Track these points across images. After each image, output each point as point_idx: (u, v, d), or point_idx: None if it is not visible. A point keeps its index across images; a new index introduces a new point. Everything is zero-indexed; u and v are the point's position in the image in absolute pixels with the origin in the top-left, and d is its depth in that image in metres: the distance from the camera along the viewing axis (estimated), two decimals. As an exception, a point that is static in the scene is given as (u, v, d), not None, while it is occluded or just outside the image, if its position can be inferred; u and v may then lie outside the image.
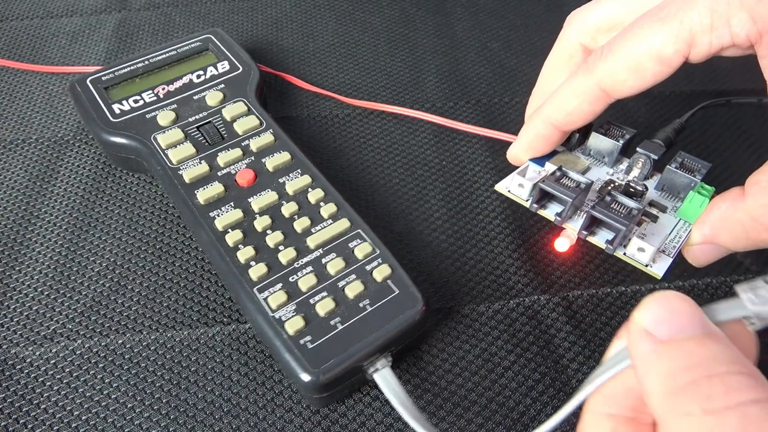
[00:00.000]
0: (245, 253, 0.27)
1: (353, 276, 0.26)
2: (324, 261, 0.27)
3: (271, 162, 0.30)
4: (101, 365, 0.27)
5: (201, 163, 0.30)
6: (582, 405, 0.17)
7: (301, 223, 0.28)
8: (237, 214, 0.28)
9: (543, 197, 0.25)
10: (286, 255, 0.27)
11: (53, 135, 0.36)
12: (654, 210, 0.25)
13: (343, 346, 0.24)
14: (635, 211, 0.24)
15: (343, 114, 0.38)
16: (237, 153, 0.31)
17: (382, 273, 0.26)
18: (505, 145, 0.35)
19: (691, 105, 0.35)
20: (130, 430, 0.25)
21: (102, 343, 0.27)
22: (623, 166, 0.27)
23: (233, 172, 0.30)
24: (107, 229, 0.32)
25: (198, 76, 0.35)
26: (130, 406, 0.25)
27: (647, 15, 0.22)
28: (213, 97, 0.33)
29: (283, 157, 0.31)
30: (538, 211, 0.25)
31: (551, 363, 0.27)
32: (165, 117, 0.32)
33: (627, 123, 0.28)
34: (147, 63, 0.36)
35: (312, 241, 0.27)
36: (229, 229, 0.28)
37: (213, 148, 0.31)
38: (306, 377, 0.23)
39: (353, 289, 0.26)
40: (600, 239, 0.24)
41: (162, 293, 0.29)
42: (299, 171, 0.30)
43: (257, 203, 0.29)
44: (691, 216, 0.25)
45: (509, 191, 0.26)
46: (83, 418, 0.25)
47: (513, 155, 0.28)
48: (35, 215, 0.32)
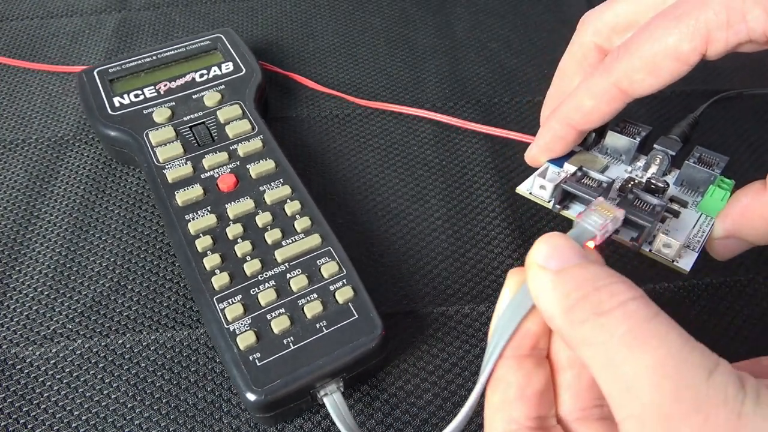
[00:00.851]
0: (211, 261, 0.26)
1: (314, 295, 0.26)
2: (288, 276, 0.26)
3: (255, 169, 0.30)
4: (101, 365, 0.26)
5: (186, 164, 0.30)
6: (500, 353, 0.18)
7: (273, 235, 0.27)
8: (211, 219, 0.28)
9: (565, 198, 0.25)
10: (251, 266, 0.26)
11: (53, 135, 0.36)
12: (675, 206, 0.25)
13: (292, 367, 0.23)
14: (659, 208, 0.24)
15: (343, 114, 0.38)
16: (223, 156, 0.31)
17: (344, 295, 0.25)
18: (506, 144, 0.35)
19: (691, 105, 0.35)
20: (130, 430, 0.25)
21: (102, 343, 0.27)
22: (641, 163, 0.27)
23: (216, 175, 0.30)
24: (107, 229, 0.32)
25: (201, 75, 0.35)
26: (130, 406, 0.25)
27: (662, 14, 0.22)
28: (211, 98, 0.33)
29: (268, 165, 0.30)
30: (560, 212, 0.25)
31: (551, 363, 0.27)
32: (161, 114, 0.32)
33: (637, 111, 0.27)
34: (154, 58, 0.36)
35: (280, 255, 0.27)
36: (201, 234, 0.28)
37: (201, 149, 0.31)
38: (250, 396, 0.23)
39: (312, 309, 0.25)
40: (624, 237, 0.24)
41: (162, 293, 0.29)
42: (281, 180, 0.30)
43: (233, 210, 0.28)
44: (713, 210, 0.25)
45: (531, 193, 0.26)
46: (83, 418, 0.25)
47: (531, 157, 0.28)
48: (35, 215, 0.32)
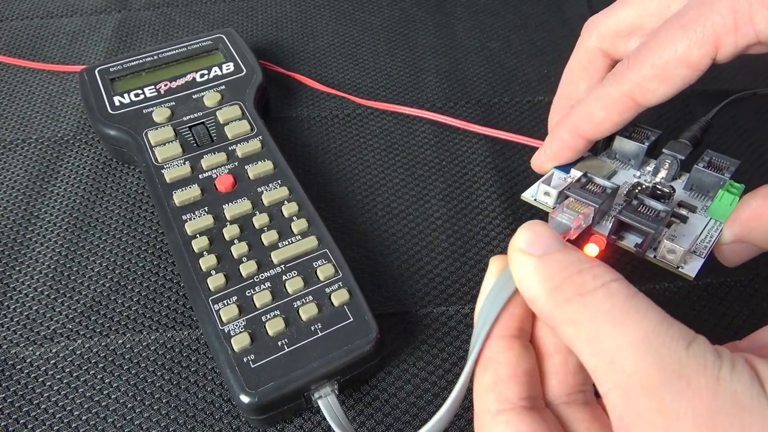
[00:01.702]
0: (207, 261, 0.26)
1: (310, 297, 0.26)
2: (284, 278, 0.26)
3: (253, 170, 0.30)
4: (101, 365, 0.26)
5: (184, 164, 0.30)
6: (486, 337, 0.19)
7: (269, 237, 0.27)
8: (208, 219, 0.28)
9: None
10: (247, 267, 0.26)
11: (53, 135, 0.36)
12: (683, 210, 0.25)
13: (286, 369, 0.23)
14: (663, 214, 0.23)
15: (344, 114, 0.38)
16: (222, 157, 0.31)
17: (339, 298, 0.25)
18: (506, 144, 0.35)
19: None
20: (130, 430, 0.25)
21: (102, 343, 0.27)
22: (650, 167, 0.27)
23: (214, 176, 0.30)
24: (107, 229, 0.32)
25: (201, 75, 0.35)
26: (130, 406, 0.25)
27: (669, 23, 0.22)
28: (211, 98, 0.33)
29: (266, 166, 0.30)
30: None
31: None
32: (160, 114, 0.32)
33: (647, 114, 0.27)
34: (155, 58, 0.36)
35: (276, 256, 0.27)
36: (197, 235, 0.28)
37: (200, 149, 0.31)
38: (244, 398, 0.23)
39: (307, 312, 0.25)
40: (629, 243, 0.24)
41: (162, 293, 0.29)
42: (279, 182, 0.30)
43: (230, 211, 0.28)
44: (722, 215, 0.24)
45: (535, 200, 0.26)
46: (83, 418, 0.25)
47: (538, 164, 0.28)
48: (35, 215, 0.32)
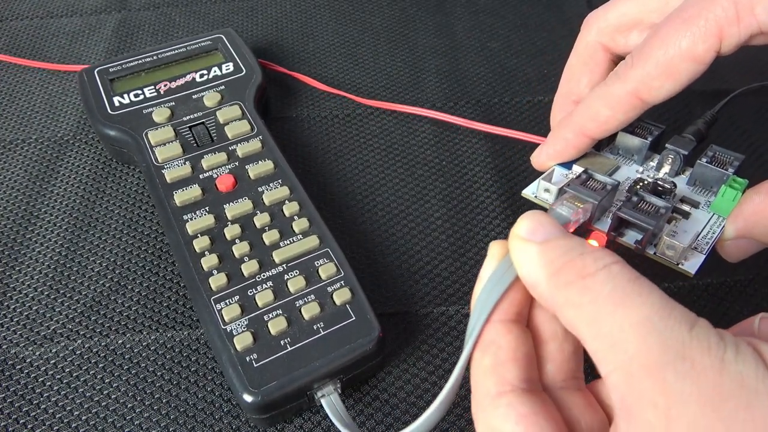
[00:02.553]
0: (209, 261, 0.26)
1: (312, 296, 0.26)
2: (286, 278, 0.26)
3: (254, 170, 0.30)
4: (101, 365, 0.26)
5: (185, 164, 0.30)
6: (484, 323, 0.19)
7: (270, 236, 0.27)
8: (209, 219, 0.28)
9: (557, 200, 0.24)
10: (248, 267, 0.26)
11: (53, 135, 0.36)
12: (686, 206, 0.25)
13: (289, 368, 0.23)
14: (663, 210, 0.23)
15: (344, 114, 0.38)
16: (222, 157, 0.31)
17: (341, 297, 0.25)
18: (506, 144, 0.35)
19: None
20: (130, 430, 0.25)
21: (102, 343, 0.27)
22: (653, 163, 0.27)
23: (215, 176, 0.30)
24: (107, 229, 0.32)
25: (201, 75, 0.35)
26: (130, 406, 0.25)
27: (671, 18, 0.22)
28: (211, 98, 0.33)
29: (266, 166, 0.30)
30: None
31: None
32: (160, 114, 0.32)
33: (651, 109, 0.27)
34: (155, 58, 0.36)
35: (278, 256, 0.27)
36: (199, 234, 0.28)
37: (200, 149, 0.31)
38: (247, 397, 0.23)
39: (309, 311, 0.25)
40: (629, 239, 0.24)
41: (162, 293, 0.29)
42: (279, 181, 0.30)
43: (231, 210, 0.28)
44: (725, 210, 0.24)
45: (536, 197, 0.26)
46: (83, 418, 0.25)
47: (539, 162, 0.27)
48: (35, 215, 0.32)
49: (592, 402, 0.19)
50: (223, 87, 0.34)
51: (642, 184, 0.26)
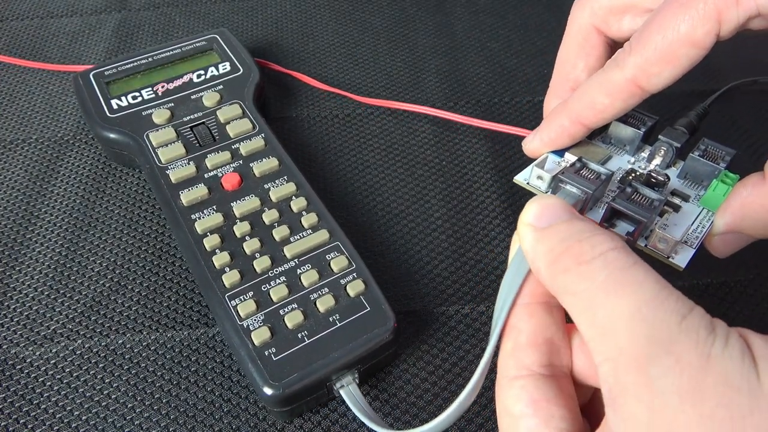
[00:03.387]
0: (221, 259, 0.27)
1: (326, 289, 0.26)
2: (299, 272, 0.26)
3: (259, 167, 0.30)
4: (101, 365, 0.26)
5: (189, 164, 0.30)
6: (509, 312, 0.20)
7: (280, 232, 0.28)
8: (218, 218, 0.28)
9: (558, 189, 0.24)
10: (261, 263, 0.26)
11: (53, 135, 0.36)
12: (676, 199, 0.25)
13: (308, 360, 0.24)
14: (657, 202, 0.23)
15: (343, 114, 0.38)
16: (226, 156, 0.31)
17: (355, 288, 0.26)
18: (506, 144, 0.35)
19: (690, 105, 0.35)
20: (130, 430, 0.25)
21: (102, 343, 0.27)
22: (645, 153, 0.27)
23: (220, 174, 0.30)
24: (107, 229, 0.32)
25: (198, 75, 0.35)
26: (130, 406, 0.25)
27: (669, 2, 0.22)
28: (210, 98, 0.33)
29: (271, 163, 0.30)
30: None
31: (551, 363, 0.27)
32: (160, 115, 0.32)
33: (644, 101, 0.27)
34: (150, 60, 0.36)
35: (289, 251, 0.27)
36: (208, 233, 0.28)
37: (203, 149, 0.31)
38: (267, 390, 0.23)
39: (324, 303, 0.25)
40: (621, 231, 0.23)
41: (162, 293, 0.29)
42: (285, 178, 0.30)
43: (239, 208, 0.28)
44: (715, 205, 0.24)
45: (528, 183, 0.25)
46: (83, 418, 0.25)
47: (532, 149, 0.27)
48: (35, 215, 0.32)
49: None
50: (222, 86, 0.34)
51: (635, 175, 0.25)
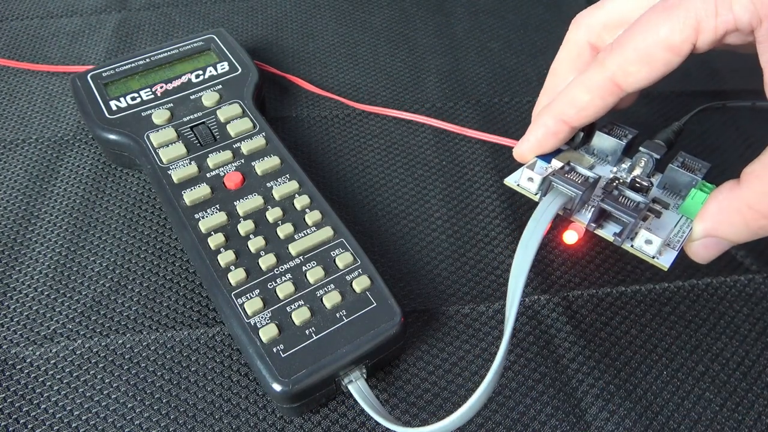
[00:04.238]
0: (226, 257, 0.27)
1: (332, 286, 0.26)
2: (304, 269, 0.26)
3: (261, 166, 0.30)
4: (101, 365, 0.27)
5: (190, 164, 0.30)
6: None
7: (284, 230, 0.28)
8: (221, 217, 0.28)
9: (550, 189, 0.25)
10: (266, 261, 0.26)
11: (53, 135, 0.36)
12: (657, 206, 0.26)
13: (316, 356, 0.24)
14: (642, 205, 0.24)
15: (343, 114, 0.38)
16: (227, 155, 0.31)
17: (361, 284, 0.26)
18: (507, 147, 0.35)
19: (690, 105, 0.36)
20: (130, 430, 0.25)
21: (102, 343, 0.27)
22: (626, 165, 0.28)
23: (222, 174, 0.30)
24: (107, 229, 0.32)
25: (197, 75, 0.35)
26: (130, 406, 0.25)
27: (653, 8, 0.23)
28: (209, 98, 0.33)
29: (273, 162, 0.30)
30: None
31: (551, 363, 0.27)
32: (160, 116, 0.32)
33: (628, 123, 0.28)
34: (148, 61, 0.36)
35: (294, 248, 0.27)
36: (212, 232, 0.28)
37: (204, 149, 0.31)
38: (277, 386, 0.23)
39: (330, 299, 0.25)
40: (607, 232, 0.24)
41: (162, 293, 0.29)
42: (287, 176, 0.30)
43: (242, 207, 0.28)
44: (693, 212, 0.25)
45: (518, 185, 0.26)
46: (83, 418, 0.25)
47: (520, 153, 0.28)
48: (35, 215, 0.32)
49: None
50: (221, 86, 0.34)
51: (619, 181, 0.26)
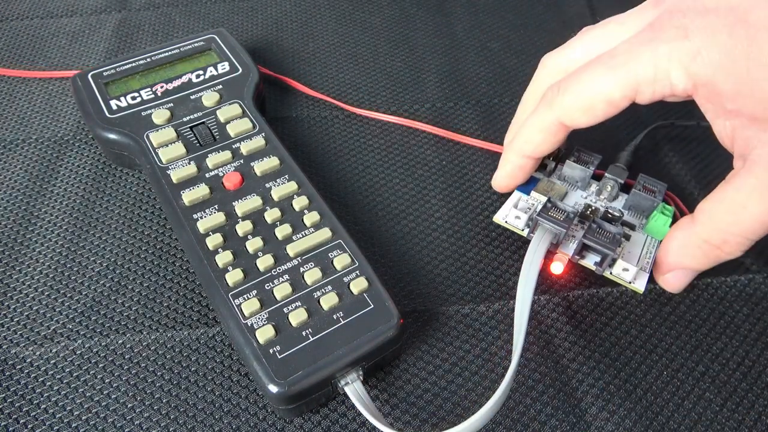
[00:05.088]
0: (223, 258, 0.27)
1: (329, 287, 0.26)
2: (302, 270, 0.26)
3: (260, 166, 0.30)
4: (101, 365, 0.27)
5: (190, 164, 0.30)
6: None
7: (283, 230, 0.28)
8: (220, 217, 0.28)
9: (537, 226, 0.28)
10: (264, 262, 0.26)
11: (53, 135, 0.36)
12: (626, 229, 0.29)
13: (313, 358, 0.24)
14: (618, 236, 0.27)
15: (344, 115, 0.38)
16: (227, 155, 0.31)
17: (358, 286, 0.26)
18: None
19: (640, 120, 0.37)
20: (130, 430, 0.25)
21: (102, 343, 0.27)
22: (593, 188, 0.31)
23: (221, 174, 0.30)
24: (107, 229, 0.32)
25: (197, 75, 0.35)
26: (130, 406, 0.25)
27: (599, 60, 0.25)
28: (209, 98, 0.33)
29: (272, 162, 0.30)
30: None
31: (551, 363, 0.27)
32: (160, 115, 0.32)
33: (584, 137, 0.31)
34: (149, 60, 0.36)
35: (291, 249, 0.27)
36: (210, 232, 0.28)
37: (204, 149, 0.31)
38: (273, 388, 0.23)
39: (328, 301, 0.25)
40: (589, 261, 0.28)
41: (162, 293, 0.29)
42: (286, 177, 0.30)
43: (241, 207, 0.28)
44: (657, 233, 0.29)
45: (506, 222, 0.29)
46: (83, 418, 0.25)
47: (497, 185, 0.32)
48: (35, 215, 0.32)
49: None
50: (221, 86, 0.34)
51: (592, 209, 0.30)
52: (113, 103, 0.33)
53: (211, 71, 0.35)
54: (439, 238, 0.31)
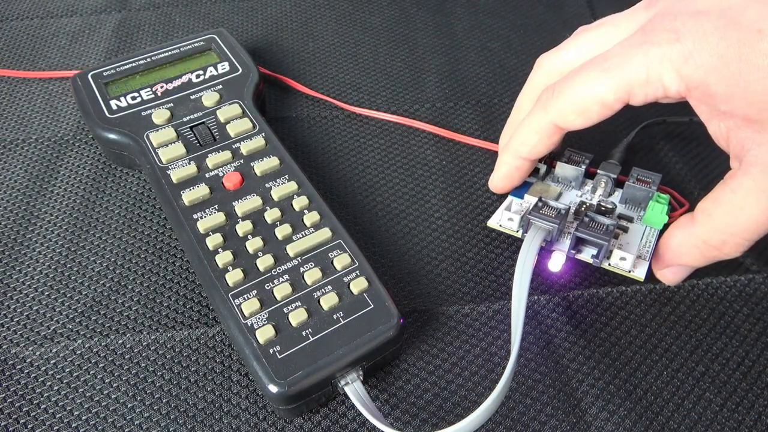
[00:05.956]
0: (223, 258, 0.27)
1: (329, 287, 0.26)
2: (302, 270, 0.26)
3: (260, 166, 0.30)
4: (101, 365, 0.27)
5: (190, 164, 0.30)
6: None
7: (283, 230, 0.28)
8: (220, 217, 0.28)
9: (530, 225, 0.28)
10: (264, 262, 0.26)
11: (53, 135, 0.36)
12: (624, 222, 0.29)
13: (313, 358, 0.24)
14: (611, 227, 0.27)
15: (344, 114, 0.38)
16: (227, 155, 0.31)
17: (358, 286, 0.26)
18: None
19: (632, 118, 0.37)
20: (130, 430, 0.25)
21: (102, 343, 0.27)
22: (588, 187, 0.31)
23: (221, 174, 0.30)
24: (107, 229, 0.32)
25: (197, 75, 0.35)
26: (130, 406, 0.25)
27: (593, 63, 0.25)
28: (209, 98, 0.33)
29: (272, 162, 0.30)
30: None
31: (551, 363, 0.27)
32: (160, 115, 0.32)
33: (577, 137, 0.32)
34: (149, 60, 0.36)
35: (291, 249, 0.27)
36: (210, 232, 0.28)
37: (204, 149, 0.31)
38: (273, 388, 0.23)
39: (328, 301, 0.25)
40: (587, 255, 0.28)
41: (162, 293, 0.29)
42: (286, 177, 0.30)
43: (241, 207, 0.28)
44: (655, 222, 0.29)
45: (501, 225, 0.29)
46: (83, 418, 0.25)
47: (494, 186, 0.32)
48: (35, 215, 0.32)
49: None
50: (221, 86, 0.34)
51: (586, 206, 0.30)
52: (113, 103, 0.33)
53: (211, 71, 0.35)
54: (439, 238, 0.31)
